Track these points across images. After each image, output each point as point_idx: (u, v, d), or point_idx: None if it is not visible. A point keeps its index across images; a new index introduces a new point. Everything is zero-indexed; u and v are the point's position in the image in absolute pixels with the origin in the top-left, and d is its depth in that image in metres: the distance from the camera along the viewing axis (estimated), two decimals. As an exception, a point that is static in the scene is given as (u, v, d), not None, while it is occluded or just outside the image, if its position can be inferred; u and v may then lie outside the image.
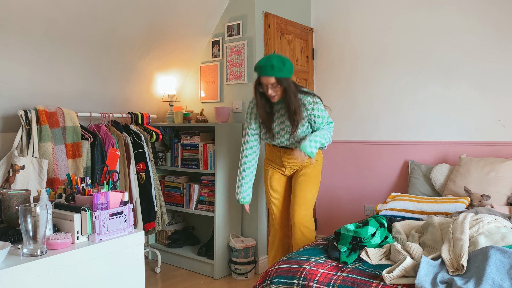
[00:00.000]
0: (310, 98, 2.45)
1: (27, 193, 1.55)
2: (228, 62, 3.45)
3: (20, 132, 2.60)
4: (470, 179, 2.81)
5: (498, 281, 1.46)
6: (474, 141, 3.15)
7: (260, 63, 2.33)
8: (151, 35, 3.17)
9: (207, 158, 3.24)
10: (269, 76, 2.31)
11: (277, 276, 1.84)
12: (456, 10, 3.19)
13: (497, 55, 3.05)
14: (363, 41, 3.65)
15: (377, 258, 1.83)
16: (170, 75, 3.62)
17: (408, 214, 2.56)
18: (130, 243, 1.55)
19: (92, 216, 1.45)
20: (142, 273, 1.61)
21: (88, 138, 2.86)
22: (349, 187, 3.75)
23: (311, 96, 2.46)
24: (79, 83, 3.01)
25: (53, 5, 2.50)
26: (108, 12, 2.78)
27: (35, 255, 1.30)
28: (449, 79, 3.24)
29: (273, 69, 2.30)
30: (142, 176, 3.14)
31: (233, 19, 3.42)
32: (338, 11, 3.79)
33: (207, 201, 3.31)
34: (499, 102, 3.06)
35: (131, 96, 3.44)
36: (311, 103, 2.43)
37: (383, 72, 3.54)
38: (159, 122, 3.68)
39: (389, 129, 3.54)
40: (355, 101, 3.71)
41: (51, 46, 2.68)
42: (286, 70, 2.33)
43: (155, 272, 3.32)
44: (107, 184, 1.60)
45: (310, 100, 2.44)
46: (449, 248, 1.71)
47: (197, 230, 3.77)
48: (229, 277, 3.23)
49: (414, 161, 3.34)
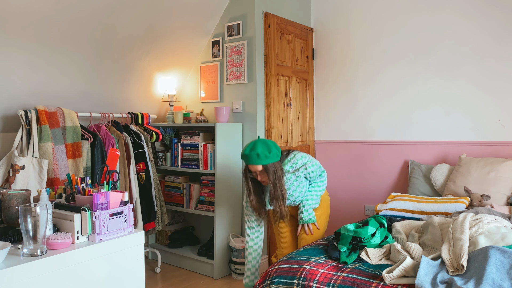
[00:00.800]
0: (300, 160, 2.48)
1: (27, 193, 1.55)
2: (228, 62, 3.45)
3: (20, 132, 2.60)
4: (470, 179, 2.81)
5: (498, 281, 1.46)
6: (474, 141, 3.15)
7: (245, 152, 2.37)
8: (151, 35, 3.17)
9: (207, 158, 3.24)
10: (255, 164, 2.36)
11: (277, 276, 1.84)
12: (456, 10, 3.19)
13: (497, 55, 3.05)
14: (363, 41, 3.65)
15: (377, 258, 1.83)
16: (170, 75, 3.62)
17: (408, 214, 2.56)
18: (130, 243, 1.55)
19: (92, 216, 1.45)
20: (142, 273, 1.61)
21: (88, 138, 2.86)
22: (349, 187, 3.75)
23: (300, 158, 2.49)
24: (79, 83, 3.01)
25: (53, 5, 2.50)
26: (108, 12, 2.78)
27: (35, 255, 1.30)
28: (449, 79, 3.24)
29: (259, 158, 2.34)
30: (142, 176, 3.14)
31: (233, 19, 3.42)
32: (338, 11, 3.79)
33: (207, 201, 3.31)
34: (499, 102, 3.06)
35: (131, 96, 3.44)
36: (303, 164, 2.48)
37: (383, 72, 3.54)
38: (159, 122, 3.68)
39: (389, 129, 3.54)
40: (355, 101, 3.71)
41: (51, 46, 2.68)
42: (272, 156, 2.37)
43: (155, 272, 3.32)
44: (107, 184, 1.60)
45: (302, 163, 2.48)
46: (449, 248, 1.71)
47: (197, 230, 3.77)
48: (229, 277, 3.23)
49: (414, 161, 3.34)
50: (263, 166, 2.37)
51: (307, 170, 2.50)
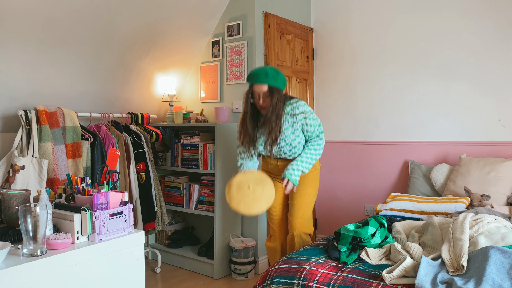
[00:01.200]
0: (302, 107, 2.44)
1: (27, 193, 1.55)
2: (228, 62, 3.45)
3: (20, 132, 2.60)
4: (470, 179, 2.81)
5: (498, 281, 1.46)
6: (474, 141, 3.15)
7: (253, 71, 2.35)
8: (151, 35, 3.17)
9: (207, 158, 3.24)
10: (262, 83, 2.31)
11: (277, 276, 1.83)
12: (456, 10, 3.19)
13: (497, 55, 3.05)
14: (363, 41, 3.65)
15: (377, 258, 1.83)
16: (170, 75, 3.62)
17: (408, 214, 2.56)
18: (130, 243, 1.55)
19: (92, 216, 1.45)
20: (142, 273, 1.61)
21: (88, 138, 2.86)
22: (349, 187, 3.75)
23: (303, 105, 2.45)
24: (79, 83, 3.00)
25: (53, 5, 2.50)
26: (108, 12, 2.78)
27: (35, 255, 1.30)
28: (449, 79, 3.24)
29: (267, 77, 2.30)
30: (142, 176, 3.14)
31: (233, 19, 3.42)
32: (338, 11, 3.79)
33: (207, 201, 3.30)
34: (499, 102, 3.06)
35: (131, 96, 3.44)
36: (303, 112, 2.43)
37: (383, 72, 3.54)
38: (159, 122, 3.68)
39: (389, 129, 3.54)
40: (355, 101, 3.71)
41: (51, 46, 2.68)
42: (280, 80, 2.34)
43: (155, 272, 3.32)
44: (107, 184, 1.60)
45: (303, 109, 2.43)
46: (449, 248, 1.71)
47: (197, 230, 3.77)
48: (229, 277, 3.23)
49: (414, 161, 3.34)
50: (268, 87, 2.31)
51: (306, 121, 2.42)
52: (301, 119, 2.42)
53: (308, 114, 2.44)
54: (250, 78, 2.37)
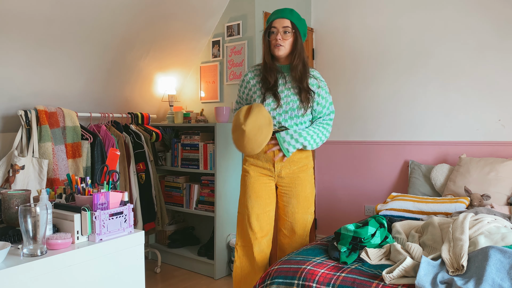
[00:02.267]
0: (319, 76, 2.18)
1: (27, 193, 1.55)
2: (228, 62, 3.45)
3: (20, 132, 2.60)
4: (470, 179, 2.81)
5: (498, 281, 1.46)
6: (474, 141, 3.15)
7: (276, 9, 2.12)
8: (151, 35, 3.17)
9: (207, 158, 3.24)
10: (285, 18, 2.06)
11: (277, 276, 1.83)
12: (456, 10, 3.19)
13: (497, 55, 3.05)
14: (363, 41, 3.65)
15: (377, 258, 1.83)
16: (170, 75, 3.62)
17: (408, 214, 2.56)
18: (130, 243, 1.55)
19: (92, 216, 1.45)
20: (142, 273, 1.61)
21: (88, 138, 2.86)
22: (349, 187, 3.75)
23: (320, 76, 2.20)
24: (79, 83, 3.01)
25: (53, 5, 2.50)
26: (108, 12, 2.78)
27: (35, 255, 1.30)
28: (449, 79, 3.24)
29: (292, 14, 2.08)
30: (142, 176, 3.14)
31: (233, 19, 3.42)
32: (338, 11, 3.79)
33: (207, 201, 3.30)
34: (499, 102, 3.06)
35: (131, 96, 3.44)
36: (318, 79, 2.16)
37: (383, 72, 3.54)
38: (159, 122, 3.68)
39: (389, 129, 3.54)
40: (355, 101, 3.71)
41: (51, 46, 2.68)
42: (303, 23, 2.12)
43: (155, 272, 3.32)
44: (107, 184, 1.60)
45: (318, 76, 2.17)
46: (449, 248, 1.71)
47: (197, 230, 3.77)
48: (229, 277, 3.23)
49: (414, 161, 3.34)
50: (291, 23, 2.06)
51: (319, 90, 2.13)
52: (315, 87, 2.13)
53: (323, 86, 2.17)
54: (273, 14, 2.11)
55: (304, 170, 2.22)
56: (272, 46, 2.12)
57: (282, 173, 2.17)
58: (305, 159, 2.23)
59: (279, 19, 2.08)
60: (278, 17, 2.08)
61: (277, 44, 2.09)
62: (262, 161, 2.17)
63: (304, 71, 2.14)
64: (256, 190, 2.17)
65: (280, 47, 2.09)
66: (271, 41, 2.11)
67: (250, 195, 2.18)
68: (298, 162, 2.20)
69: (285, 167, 2.16)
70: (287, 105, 2.13)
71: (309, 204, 2.24)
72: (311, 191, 2.25)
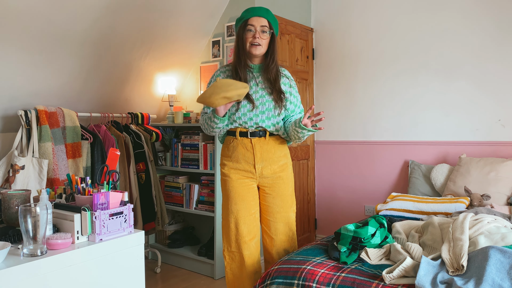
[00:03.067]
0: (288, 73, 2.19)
1: (27, 193, 1.55)
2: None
3: (20, 132, 2.60)
4: (470, 179, 2.81)
5: (498, 281, 1.46)
6: (474, 141, 3.15)
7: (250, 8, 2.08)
8: (151, 35, 3.17)
9: (207, 158, 3.24)
10: (263, 17, 2.02)
11: (277, 276, 1.84)
12: (456, 10, 3.19)
13: (497, 55, 3.05)
14: (363, 41, 3.65)
15: (377, 258, 1.83)
16: (170, 75, 3.62)
17: (408, 214, 2.56)
18: (130, 243, 1.55)
19: (92, 216, 1.45)
20: (142, 273, 1.61)
21: (88, 138, 2.86)
22: (349, 187, 3.75)
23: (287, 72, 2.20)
24: (79, 83, 3.01)
25: (53, 5, 2.50)
26: (108, 12, 2.78)
27: (35, 255, 1.30)
28: (449, 79, 3.24)
29: (268, 13, 2.05)
30: (142, 176, 3.14)
31: (233, 19, 3.42)
32: (338, 11, 3.79)
33: (207, 201, 3.30)
34: (499, 102, 3.06)
35: (131, 96, 3.44)
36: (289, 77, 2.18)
37: (383, 72, 3.54)
38: (159, 122, 3.68)
39: (389, 129, 3.54)
40: (355, 101, 3.71)
41: (51, 46, 2.68)
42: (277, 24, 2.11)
43: (155, 272, 3.32)
44: (107, 184, 1.60)
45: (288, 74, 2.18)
46: (449, 248, 1.71)
47: (197, 230, 3.77)
48: (229, 277, 3.23)
49: (414, 161, 3.34)
50: (268, 22, 2.03)
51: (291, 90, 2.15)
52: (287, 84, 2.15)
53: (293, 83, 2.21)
54: (248, 12, 2.05)
55: (285, 169, 2.21)
56: (249, 45, 2.07)
57: (263, 173, 2.15)
58: (284, 157, 2.21)
59: (256, 17, 2.04)
60: (255, 15, 2.04)
61: (254, 43, 2.05)
62: (243, 164, 2.14)
63: (277, 73, 2.14)
64: (239, 193, 2.14)
65: (258, 47, 2.06)
66: (247, 39, 2.06)
67: (234, 199, 2.14)
68: (278, 161, 2.18)
69: (266, 167, 2.14)
70: (263, 106, 2.12)
71: (292, 202, 2.23)
72: (292, 189, 2.24)
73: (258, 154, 2.12)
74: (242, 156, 2.13)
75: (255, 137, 2.12)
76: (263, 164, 2.13)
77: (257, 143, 2.12)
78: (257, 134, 2.12)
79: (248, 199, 2.15)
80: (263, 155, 2.13)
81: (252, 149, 2.12)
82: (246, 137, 2.12)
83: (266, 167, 2.14)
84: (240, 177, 2.15)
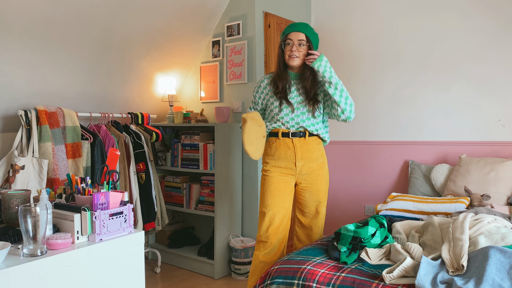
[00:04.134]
0: None
1: (27, 193, 1.55)
2: (228, 62, 3.45)
3: (20, 132, 2.60)
4: (470, 179, 2.81)
5: (498, 281, 1.46)
6: (474, 141, 3.15)
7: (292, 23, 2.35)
8: (151, 35, 3.17)
9: (207, 158, 3.24)
10: (300, 32, 2.28)
11: (277, 276, 1.84)
12: (456, 10, 3.19)
13: (497, 55, 3.05)
14: (363, 41, 3.65)
15: (377, 258, 1.83)
16: (170, 75, 3.62)
17: (408, 214, 2.56)
18: (130, 243, 1.55)
19: (92, 216, 1.45)
20: (142, 273, 1.61)
21: (88, 138, 2.86)
22: (349, 187, 3.75)
23: None
24: (79, 83, 3.01)
25: (53, 5, 2.50)
26: (108, 12, 2.78)
27: (35, 255, 1.30)
28: (449, 79, 3.24)
29: (306, 28, 2.30)
30: (142, 176, 3.14)
31: (233, 19, 3.42)
32: (338, 11, 3.79)
33: (207, 201, 3.30)
34: (499, 102, 3.06)
35: (131, 96, 3.44)
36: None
37: (383, 72, 3.54)
38: (159, 122, 3.68)
39: (389, 129, 3.54)
40: (355, 101, 3.70)
41: (51, 46, 2.68)
42: (315, 37, 2.35)
43: (155, 272, 3.32)
44: (107, 184, 1.60)
45: None
46: (449, 248, 1.71)
47: (197, 230, 3.77)
48: (229, 277, 3.23)
49: (414, 161, 3.34)
50: (306, 36, 2.29)
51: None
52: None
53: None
54: (288, 28, 2.33)
55: (322, 167, 2.45)
56: (287, 57, 2.33)
57: (303, 171, 2.39)
58: (321, 156, 2.45)
59: (294, 32, 2.30)
60: (294, 31, 2.30)
61: (292, 55, 2.31)
62: (284, 162, 2.38)
63: (314, 82, 2.36)
64: (278, 188, 2.37)
65: (295, 58, 2.31)
66: (286, 52, 2.33)
67: (273, 193, 2.38)
68: (316, 159, 2.41)
69: (305, 165, 2.38)
70: (302, 109, 2.38)
71: (325, 198, 2.48)
72: (326, 187, 2.49)
73: (299, 153, 2.36)
74: (284, 154, 2.38)
75: (296, 137, 2.37)
76: (303, 162, 2.37)
77: (298, 142, 2.37)
78: (298, 134, 2.38)
79: (284, 194, 2.39)
80: (303, 154, 2.37)
81: (293, 148, 2.36)
82: (288, 137, 2.37)
83: (306, 164, 2.38)
84: (279, 174, 2.39)
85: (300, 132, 2.37)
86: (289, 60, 2.32)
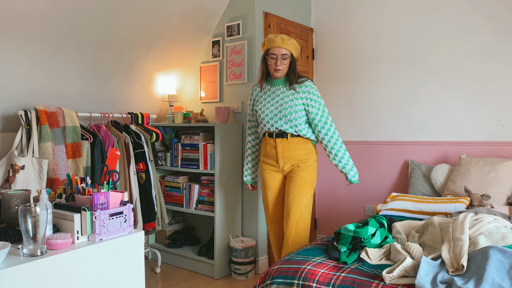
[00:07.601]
0: (309, 83, 2.54)
1: (27, 193, 1.55)
2: (228, 62, 3.45)
3: (20, 132, 2.60)
4: (470, 179, 2.81)
5: (498, 281, 1.46)
6: (474, 141, 3.15)
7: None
8: (151, 35, 3.17)
9: (207, 158, 3.24)
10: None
11: (277, 276, 1.84)
12: (456, 10, 3.19)
13: (497, 55, 3.05)
14: (363, 41, 3.65)
15: (377, 258, 1.83)
16: (170, 75, 3.62)
17: (408, 214, 2.56)
18: (130, 243, 1.55)
19: (92, 216, 1.45)
20: (142, 273, 1.61)
21: (88, 138, 2.86)
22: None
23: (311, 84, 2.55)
24: (79, 83, 3.01)
25: (53, 5, 2.50)
26: (108, 12, 2.78)
27: (35, 255, 1.30)
28: (449, 79, 3.24)
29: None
30: (142, 176, 3.14)
31: (233, 19, 3.42)
32: (338, 11, 3.79)
33: (207, 201, 3.30)
34: (499, 102, 3.06)
35: (131, 96, 3.44)
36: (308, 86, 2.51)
37: (383, 72, 3.54)
38: (159, 122, 3.68)
39: (389, 129, 3.54)
40: (355, 101, 3.71)
41: (51, 46, 2.68)
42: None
43: (155, 272, 3.32)
44: (107, 184, 1.60)
45: (309, 85, 2.53)
46: (449, 248, 1.71)
47: (197, 230, 3.77)
48: (229, 277, 3.23)
49: (414, 161, 3.34)
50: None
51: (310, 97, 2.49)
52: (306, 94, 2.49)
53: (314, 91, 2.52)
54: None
55: (304, 163, 2.55)
56: (272, 70, 2.53)
57: (285, 168, 2.58)
58: (305, 155, 2.57)
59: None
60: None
61: (277, 69, 2.51)
62: (270, 159, 2.60)
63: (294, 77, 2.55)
64: (268, 183, 2.63)
65: (280, 71, 2.52)
66: (271, 66, 2.53)
67: (265, 187, 2.65)
68: (298, 158, 2.56)
69: (286, 163, 2.57)
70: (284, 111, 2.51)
71: (305, 187, 2.53)
72: (309, 178, 2.55)
73: (280, 152, 2.55)
74: (269, 153, 2.60)
75: (279, 138, 2.55)
76: (284, 160, 2.56)
77: (280, 142, 2.55)
78: (281, 135, 2.55)
79: (274, 187, 2.63)
80: (284, 153, 2.55)
81: (275, 147, 2.56)
82: (272, 138, 2.57)
83: (287, 163, 2.56)
84: (269, 169, 2.63)
85: (282, 133, 2.54)
86: (275, 73, 2.53)
